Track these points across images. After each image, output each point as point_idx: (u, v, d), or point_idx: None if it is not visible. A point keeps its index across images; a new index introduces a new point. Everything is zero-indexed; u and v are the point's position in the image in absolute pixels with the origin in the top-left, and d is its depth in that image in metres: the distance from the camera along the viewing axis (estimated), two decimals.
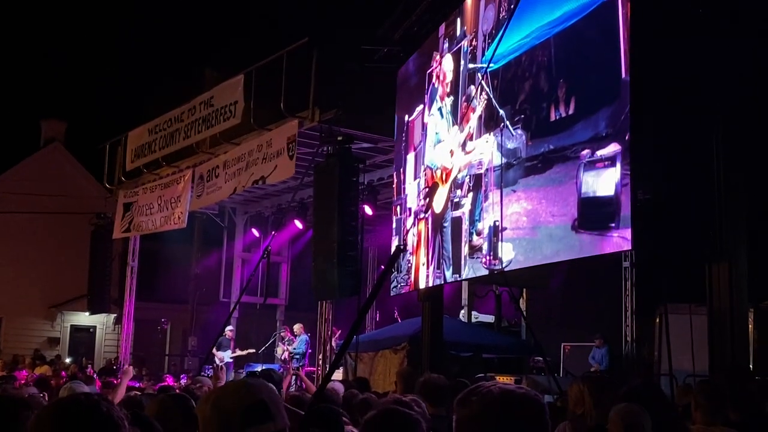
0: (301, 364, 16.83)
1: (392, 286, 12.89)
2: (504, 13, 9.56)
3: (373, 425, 3.29)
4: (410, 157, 12.62)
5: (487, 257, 9.65)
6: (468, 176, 10.34)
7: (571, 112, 8.15)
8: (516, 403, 2.03)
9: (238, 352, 18.64)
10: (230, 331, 18.50)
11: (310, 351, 17.82)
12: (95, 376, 14.68)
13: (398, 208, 13.00)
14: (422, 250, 11.62)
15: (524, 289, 16.84)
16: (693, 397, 4.94)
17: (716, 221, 7.24)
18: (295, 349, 17.63)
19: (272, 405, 2.35)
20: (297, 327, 18.19)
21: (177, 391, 9.91)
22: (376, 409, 3.79)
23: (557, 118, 8.40)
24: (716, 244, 7.21)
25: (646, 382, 4.43)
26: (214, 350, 17.54)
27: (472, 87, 10.27)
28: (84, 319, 26.81)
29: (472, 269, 10.17)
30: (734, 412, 4.99)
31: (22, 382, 12.90)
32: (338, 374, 14.53)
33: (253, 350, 19.15)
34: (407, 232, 12.32)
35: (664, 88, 7.88)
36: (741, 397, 5.15)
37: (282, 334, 18.50)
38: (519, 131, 9.14)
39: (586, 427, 4.99)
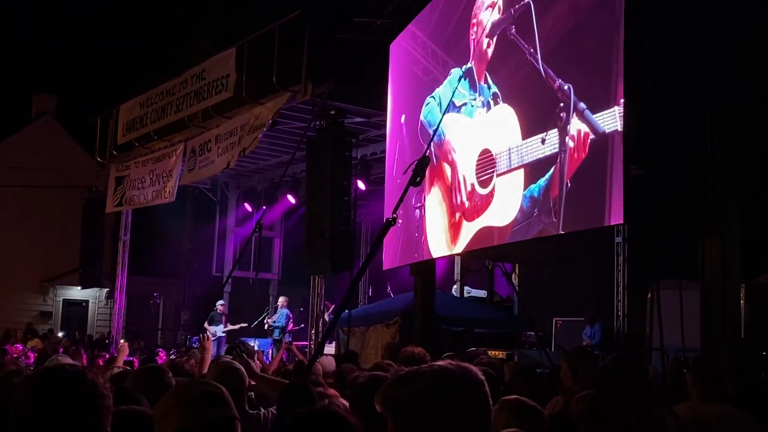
0: (280, 337, 16.89)
1: None
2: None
3: (361, 391, 3.55)
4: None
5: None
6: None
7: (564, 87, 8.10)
8: (453, 378, 2.09)
9: (230, 327, 18.68)
10: (222, 305, 18.54)
11: (292, 327, 17.89)
12: (82, 350, 14.67)
13: None
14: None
15: (517, 264, 16.87)
16: (688, 373, 4.92)
17: (709, 196, 7.22)
18: (275, 322, 17.73)
19: (227, 396, 2.54)
20: (281, 300, 18.26)
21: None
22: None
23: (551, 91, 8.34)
24: (709, 219, 7.20)
25: (618, 358, 4.43)
26: (206, 324, 17.58)
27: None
28: (76, 293, 26.80)
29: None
30: (733, 387, 4.99)
31: (15, 355, 12.89)
32: (331, 348, 14.56)
33: (245, 324, 19.19)
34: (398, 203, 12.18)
35: (657, 62, 7.84)
36: (740, 371, 5.14)
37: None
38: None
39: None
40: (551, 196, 7.96)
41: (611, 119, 7.07)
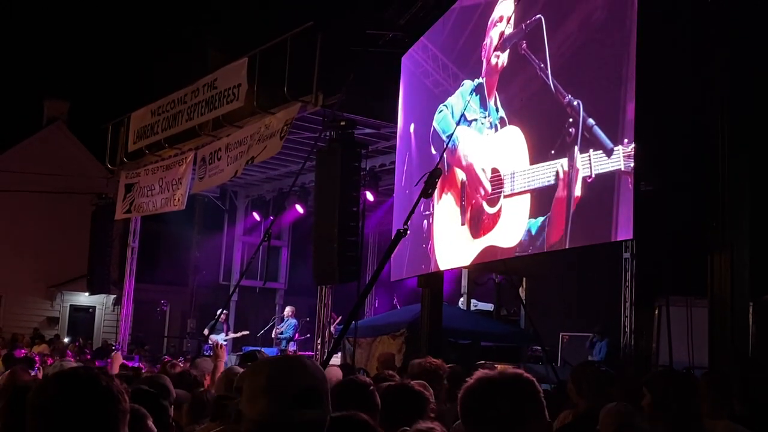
0: (285, 347, 16.89)
1: None
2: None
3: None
4: None
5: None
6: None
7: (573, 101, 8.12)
8: (510, 381, 2.42)
9: (232, 335, 18.68)
10: (223, 314, 18.54)
11: (299, 337, 17.88)
12: (88, 356, 14.71)
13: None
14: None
15: (524, 278, 16.83)
16: (698, 389, 4.90)
17: (719, 212, 7.20)
18: (282, 333, 17.73)
19: (324, 394, 2.37)
20: (288, 310, 18.26)
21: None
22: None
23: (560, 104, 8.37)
24: (718, 235, 7.18)
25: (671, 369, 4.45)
26: (206, 332, 17.61)
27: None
28: (83, 299, 26.87)
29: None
30: (740, 404, 4.96)
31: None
32: (336, 359, 14.54)
33: (247, 332, 19.19)
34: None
35: (667, 75, 7.85)
36: (748, 389, 5.11)
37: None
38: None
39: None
40: (551, 231, 8.01)
41: (620, 135, 7.09)
